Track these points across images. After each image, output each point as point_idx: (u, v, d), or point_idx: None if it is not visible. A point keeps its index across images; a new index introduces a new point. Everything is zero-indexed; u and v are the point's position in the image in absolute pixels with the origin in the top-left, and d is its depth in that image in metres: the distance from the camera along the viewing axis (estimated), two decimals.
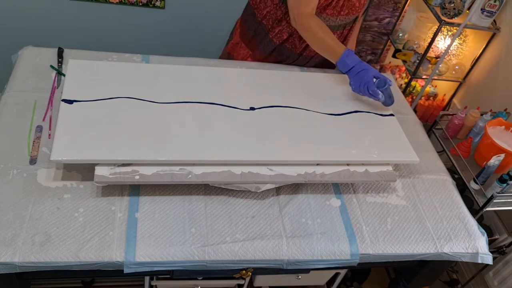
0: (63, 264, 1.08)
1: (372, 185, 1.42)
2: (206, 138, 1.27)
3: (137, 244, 1.13)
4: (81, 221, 1.14)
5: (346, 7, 1.56)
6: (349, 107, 1.51)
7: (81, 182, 1.22)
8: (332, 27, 1.59)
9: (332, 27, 1.60)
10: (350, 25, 1.67)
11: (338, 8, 1.55)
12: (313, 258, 1.22)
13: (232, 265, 1.20)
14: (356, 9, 1.59)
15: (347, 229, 1.28)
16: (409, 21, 2.56)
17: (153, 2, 2.24)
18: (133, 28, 2.35)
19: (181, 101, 1.38)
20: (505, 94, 2.15)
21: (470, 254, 1.32)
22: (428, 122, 2.54)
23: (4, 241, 1.06)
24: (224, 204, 1.27)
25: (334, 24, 1.60)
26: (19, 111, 1.36)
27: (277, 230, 1.23)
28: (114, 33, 2.36)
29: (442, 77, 2.43)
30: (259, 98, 1.45)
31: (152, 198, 1.24)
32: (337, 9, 1.55)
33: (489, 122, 1.72)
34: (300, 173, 1.28)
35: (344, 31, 1.67)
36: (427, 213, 1.37)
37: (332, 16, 1.56)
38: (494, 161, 1.57)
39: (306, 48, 1.67)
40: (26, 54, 1.56)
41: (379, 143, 1.40)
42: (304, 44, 1.65)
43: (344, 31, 1.67)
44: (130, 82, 1.40)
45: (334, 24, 1.60)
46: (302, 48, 1.68)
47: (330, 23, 1.58)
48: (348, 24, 1.65)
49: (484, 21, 2.17)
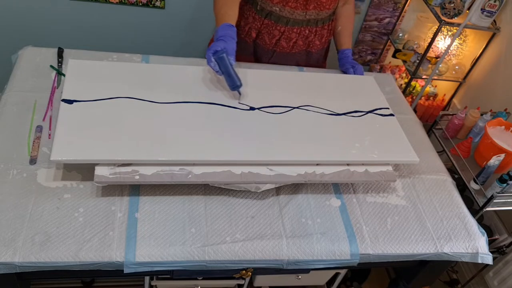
0: (63, 264, 1.08)
1: (372, 185, 1.42)
2: (206, 138, 1.27)
3: (137, 244, 1.13)
4: (81, 221, 1.14)
5: (312, 1, 1.57)
6: (349, 107, 1.51)
7: (81, 182, 1.22)
8: (300, 21, 1.61)
9: (301, 21, 1.61)
10: (326, 22, 1.68)
11: (301, 1, 1.56)
12: (313, 258, 1.22)
13: (232, 265, 1.20)
14: (323, 5, 1.60)
15: (347, 229, 1.28)
16: (409, 21, 2.56)
17: (153, 2, 2.24)
18: (133, 28, 2.35)
19: (181, 101, 1.38)
20: (505, 94, 2.15)
21: (470, 254, 1.32)
22: (428, 122, 2.54)
23: (4, 241, 1.06)
24: (224, 204, 1.27)
25: (303, 19, 1.61)
26: (19, 111, 1.36)
27: (277, 230, 1.24)
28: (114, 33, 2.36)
29: (442, 77, 2.43)
30: (259, 98, 1.45)
31: (152, 198, 1.24)
32: (301, 3, 1.56)
33: (489, 122, 1.72)
34: (300, 173, 1.28)
35: (320, 30, 1.68)
36: (427, 213, 1.37)
37: (296, 9, 1.57)
38: (494, 161, 1.57)
39: (277, 43, 1.68)
40: (26, 54, 1.56)
41: (379, 143, 1.40)
42: (274, 40, 1.67)
43: (318, 29, 1.68)
44: (130, 82, 1.40)
45: (303, 18, 1.61)
46: (274, 44, 1.69)
47: (296, 16, 1.60)
48: (322, 21, 1.66)
49: (484, 21, 2.17)
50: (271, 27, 1.64)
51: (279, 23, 1.62)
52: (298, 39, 1.68)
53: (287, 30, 1.64)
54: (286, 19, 1.61)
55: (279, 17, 1.61)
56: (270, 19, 1.62)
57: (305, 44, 1.72)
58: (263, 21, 1.63)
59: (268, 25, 1.64)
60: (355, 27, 2.53)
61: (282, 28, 1.63)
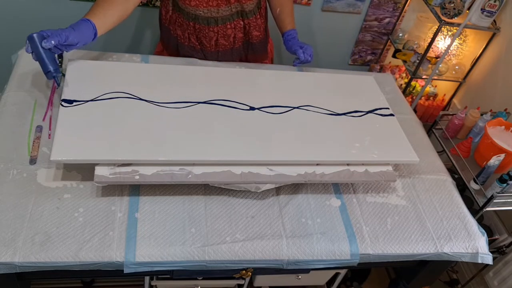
0: (63, 264, 1.08)
1: (372, 185, 1.42)
2: (206, 138, 1.27)
3: (137, 244, 1.13)
4: (81, 221, 1.14)
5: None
6: (349, 107, 1.51)
7: (81, 182, 1.22)
8: (230, 16, 1.56)
9: (230, 16, 1.56)
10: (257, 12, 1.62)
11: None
12: (313, 258, 1.22)
13: (232, 265, 1.20)
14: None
15: (347, 229, 1.28)
16: (409, 21, 2.56)
17: (153, 2, 2.24)
18: (133, 28, 2.35)
19: (180, 101, 1.38)
20: (505, 94, 2.15)
21: (470, 254, 1.32)
22: (428, 122, 2.54)
23: (4, 241, 1.06)
24: (224, 204, 1.27)
25: (230, 13, 1.56)
26: (19, 111, 1.36)
27: (277, 230, 1.23)
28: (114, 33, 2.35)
29: (442, 77, 2.43)
30: (259, 98, 1.45)
31: (152, 198, 1.24)
32: None
33: (489, 122, 1.72)
34: (300, 173, 1.28)
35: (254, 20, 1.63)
36: (427, 213, 1.37)
37: (220, 6, 1.52)
38: (494, 161, 1.57)
39: (217, 43, 1.64)
40: (26, 54, 1.55)
41: (379, 143, 1.40)
42: (213, 41, 1.63)
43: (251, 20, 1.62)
44: (130, 82, 1.40)
45: (230, 13, 1.55)
46: (214, 45, 1.65)
47: (223, 13, 1.54)
48: (252, 12, 1.59)
49: (484, 21, 2.17)
50: (204, 31, 1.59)
51: (210, 24, 1.57)
52: (236, 33, 1.63)
53: (220, 29, 1.59)
54: (214, 19, 1.56)
55: (206, 18, 1.55)
56: (201, 24, 1.57)
57: (246, 36, 1.67)
58: (195, 25, 1.58)
59: (201, 29, 1.59)
60: (355, 27, 2.53)
61: (215, 28, 1.59)
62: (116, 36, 2.37)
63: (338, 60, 2.69)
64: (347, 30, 2.54)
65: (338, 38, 2.57)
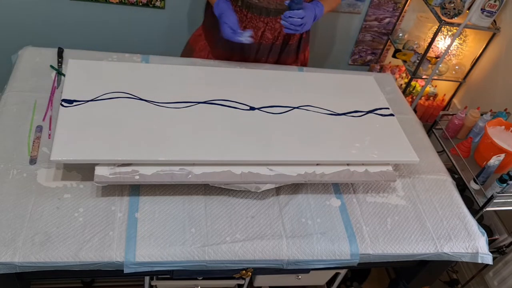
0: (63, 264, 1.08)
1: (372, 185, 1.42)
2: (206, 138, 1.27)
3: (137, 244, 1.13)
4: (81, 221, 1.14)
5: None
6: (349, 107, 1.51)
7: (81, 182, 1.22)
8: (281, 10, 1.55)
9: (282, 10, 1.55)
10: None
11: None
12: (313, 258, 1.22)
13: (232, 265, 1.20)
14: None
15: (347, 229, 1.28)
16: (409, 21, 2.56)
17: (153, 2, 2.24)
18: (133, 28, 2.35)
19: (180, 101, 1.38)
20: (505, 94, 2.15)
21: (470, 254, 1.32)
22: (428, 122, 2.53)
23: (4, 241, 1.06)
24: (224, 204, 1.27)
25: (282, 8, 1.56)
26: (19, 111, 1.36)
27: (277, 230, 1.23)
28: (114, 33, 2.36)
29: (442, 77, 2.43)
30: (259, 98, 1.45)
31: (152, 198, 1.24)
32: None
33: (489, 122, 1.72)
34: (300, 173, 1.28)
35: None
36: (427, 213, 1.37)
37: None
38: (494, 161, 1.57)
39: (263, 35, 1.66)
40: (26, 54, 1.56)
41: (379, 143, 1.40)
42: (260, 32, 1.65)
43: None
44: (130, 82, 1.40)
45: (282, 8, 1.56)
46: (259, 36, 1.66)
47: (277, 6, 1.57)
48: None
49: (484, 21, 2.17)
50: (255, 20, 1.62)
51: (262, 14, 1.60)
52: (282, 28, 1.61)
53: (270, 21, 1.62)
54: (266, 10, 1.59)
55: (260, 8, 1.59)
56: (253, 13, 1.60)
57: (288, 34, 1.69)
58: (247, 14, 1.61)
59: (252, 18, 1.62)
60: (355, 27, 2.53)
61: (265, 19, 1.62)
62: (116, 36, 2.37)
63: (338, 60, 2.68)
64: (347, 30, 2.53)
65: (338, 38, 2.57)
